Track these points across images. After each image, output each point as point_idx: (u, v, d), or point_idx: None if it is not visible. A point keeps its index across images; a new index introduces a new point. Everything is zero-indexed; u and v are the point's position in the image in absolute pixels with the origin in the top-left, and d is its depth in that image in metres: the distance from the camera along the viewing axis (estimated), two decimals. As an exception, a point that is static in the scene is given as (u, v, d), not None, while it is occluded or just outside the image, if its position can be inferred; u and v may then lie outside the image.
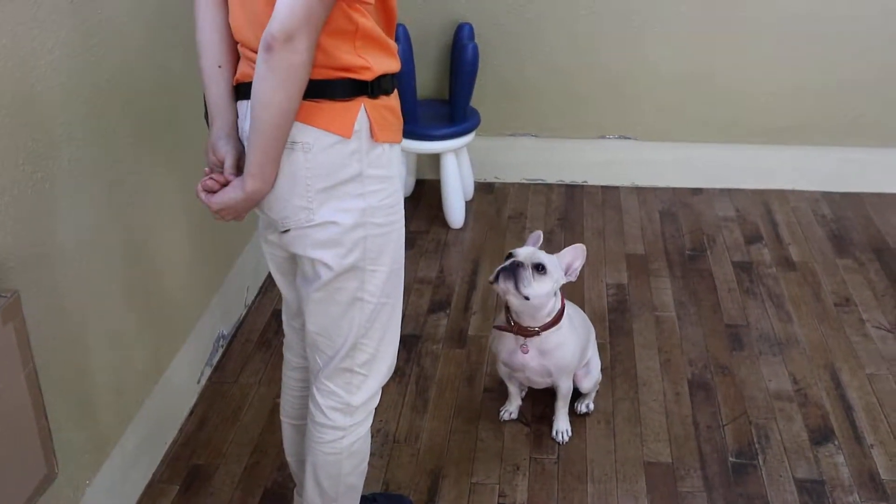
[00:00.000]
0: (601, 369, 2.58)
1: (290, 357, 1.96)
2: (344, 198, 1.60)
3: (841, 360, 2.80)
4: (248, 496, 2.30)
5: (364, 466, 1.91)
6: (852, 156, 3.79)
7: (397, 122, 1.66)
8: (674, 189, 3.85)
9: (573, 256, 2.31)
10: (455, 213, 3.54)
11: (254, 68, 1.49)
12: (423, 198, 3.78)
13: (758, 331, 2.93)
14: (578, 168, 3.89)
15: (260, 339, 2.89)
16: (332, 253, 1.63)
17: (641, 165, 3.86)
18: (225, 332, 2.84)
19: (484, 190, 3.85)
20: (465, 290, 3.15)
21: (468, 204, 3.71)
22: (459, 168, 3.56)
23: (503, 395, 2.59)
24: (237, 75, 1.65)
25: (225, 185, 1.62)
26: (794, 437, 2.49)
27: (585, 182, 3.90)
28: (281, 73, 1.45)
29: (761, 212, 3.68)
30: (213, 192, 1.64)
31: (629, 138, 3.83)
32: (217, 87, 1.66)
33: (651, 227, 3.57)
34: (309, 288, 1.69)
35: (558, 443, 2.45)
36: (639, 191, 3.85)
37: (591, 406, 2.58)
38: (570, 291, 3.14)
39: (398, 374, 2.73)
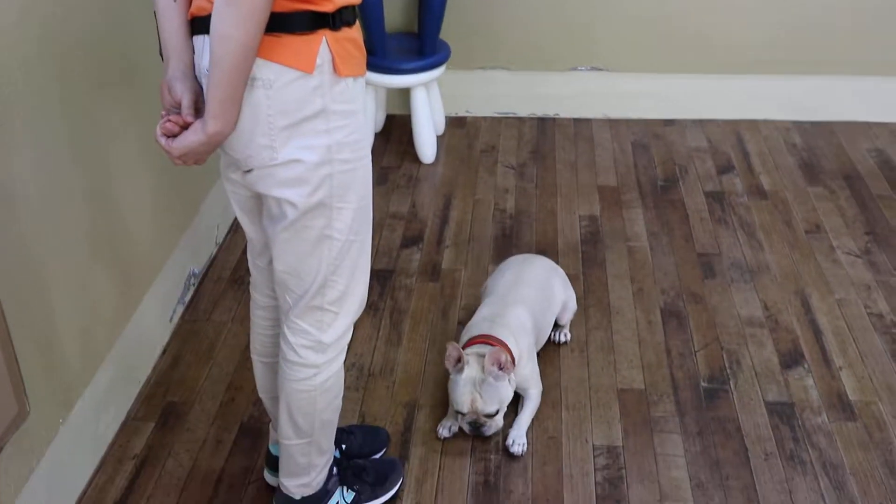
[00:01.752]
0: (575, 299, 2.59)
1: (258, 296, 1.94)
2: (308, 135, 1.56)
3: (811, 285, 2.83)
4: (224, 432, 2.31)
5: (338, 402, 1.90)
6: (823, 85, 3.78)
7: (360, 55, 1.61)
8: (646, 120, 3.84)
9: (494, 359, 2.18)
10: (426, 147, 3.51)
11: (211, 1, 1.44)
12: (394, 133, 3.74)
13: (729, 259, 2.95)
14: (550, 101, 3.86)
15: (231, 277, 2.87)
16: (297, 191, 1.60)
17: (613, 97, 3.83)
18: (196, 271, 2.82)
19: (455, 124, 3.82)
20: (438, 225, 3.14)
21: (439, 139, 3.68)
22: (430, 102, 3.52)
23: (477, 327, 2.60)
24: (192, 9, 1.58)
25: (185, 127, 1.56)
26: (764, 361, 2.53)
27: (557, 115, 3.88)
28: (241, 8, 1.40)
29: (733, 142, 3.68)
30: (172, 135, 1.57)
31: (601, 69, 3.80)
32: (171, 24, 1.59)
33: (623, 158, 3.56)
34: (275, 227, 1.66)
35: (512, 453, 2.23)
36: (611, 123, 3.83)
37: (569, 335, 2.59)
38: (544, 224, 3.14)
39: (372, 308, 2.72)
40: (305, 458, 1.92)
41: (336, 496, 2.03)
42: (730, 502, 2.11)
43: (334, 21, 1.53)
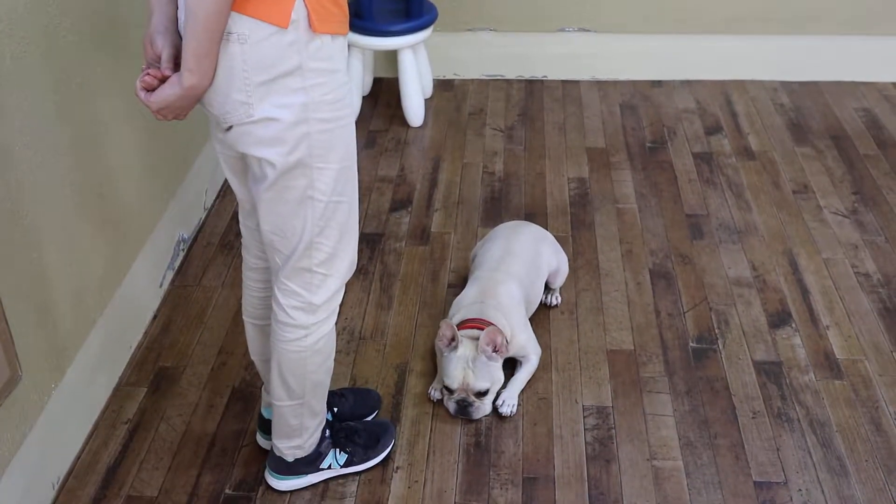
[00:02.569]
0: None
1: (249, 258, 1.94)
2: (284, 92, 1.55)
3: (798, 245, 2.84)
4: (215, 396, 2.32)
5: (330, 364, 1.92)
6: (810, 44, 3.78)
7: (340, 13, 1.59)
8: (634, 82, 3.82)
9: (490, 339, 2.19)
10: (414, 110, 3.49)
11: None
12: (382, 96, 3.72)
13: (717, 220, 2.96)
14: (538, 62, 3.84)
15: (221, 242, 2.87)
16: (275, 151, 1.59)
17: (601, 58, 3.82)
18: (185, 236, 2.81)
19: (443, 87, 3.80)
20: (427, 188, 3.14)
21: (427, 101, 3.67)
22: (417, 65, 3.50)
23: (467, 290, 2.61)
24: None
25: (163, 81, 1.56)
26: (752, 321, 2.55)
27: (545, 77, 3.86)
28: None
29: (721, 102, 3.67)
30: (151, 89, 1.57)
31: (588, 31, 3.78)
32: None
33: (612, 120, 3.56)
34: (258, 187, 1.67)
35: (501, 413, 2.25)
36: (599, 84, 3.82)
37: (560, 298, 2.60)
38: (533, 186, 3.14)
39: (362, 272, 2.73)
40: (297, 420, 1.93)
41: (329, 458, 2.05)
42: (718, 461, 2.14)
43: None
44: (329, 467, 2.06)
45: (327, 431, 2.04)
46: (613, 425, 2.23)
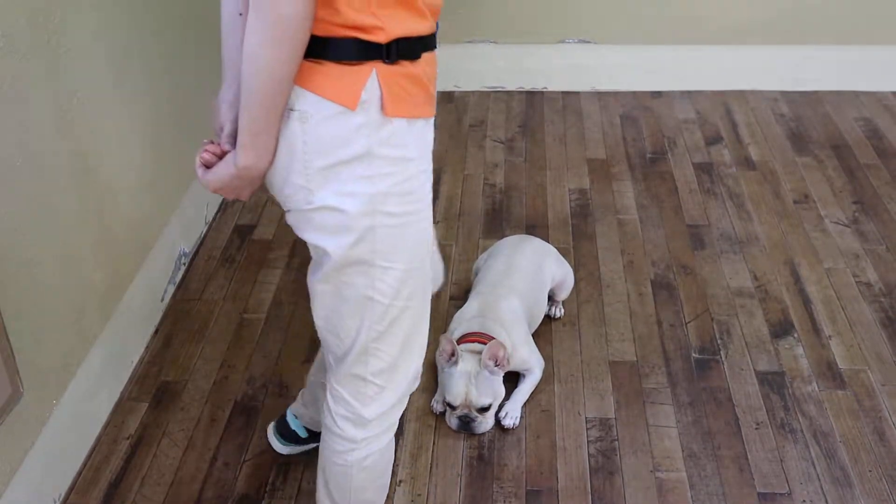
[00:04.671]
0: (565, 273, 2.60)
1: None
2: (348, 180, 1.35)
3: (800, 255, 2.84)
4: (218, 410, 2.31)
5: (383, 482, 1.71)
6: (810, 54, 3.78)
7: (421, 93, 1.38)
8: (634, 93, 3.83)
9: (492, 353, 2.18)
10: (415, 123, 3.48)
11: None
12: (382, 109, 3.72)
13: (718, 230, 2.96)
14: (539, 74, 3.85)
15: (222, 256, 2.87)
16: (334, 242, 1.40)
17: (601, 70, 3.83)
18: (186, 250, 2.81)
19: (444, 99, 3.80)
20: (428, 200, 3.14)
21: (428, 114, 3.66)
22: (418, 77, 3.50)
23: (469, 302, 2.60)
24: None
25: (222, 157, 1.40)
26: (754, 331, 2.54)
27: (546, 88, 3.87)
28: (269, 27, 1.22)
29: (721, 113, 3.68)
30: (210, 166, 1.41)
31: (589, 42, 3.79)
32: (234, 39, 1.41)
33: (612, 131, 3.56)
34: (314, 276, 1.49)
35: (504, 426, 2.24)
36: (599, 95, 3.82)
37: (563, 310, 2.60)
38: (534, 198, 3.14)
39: (363, 285, 2.72)
40: None
41: None
42: (722, 472, 2.13)
43: (389, 52, 1.31)
44: None
45: None
46: (616, 437, 2.23)
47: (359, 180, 1.35)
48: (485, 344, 2.22)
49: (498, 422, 2.26)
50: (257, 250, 2.89)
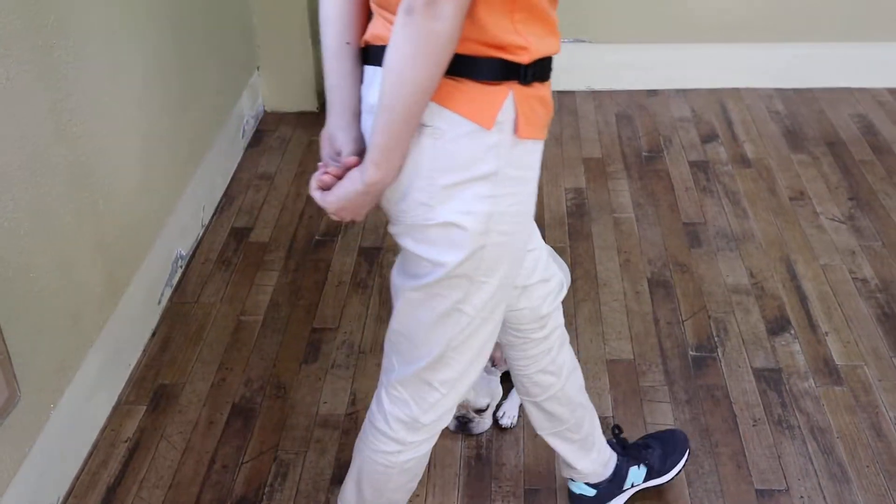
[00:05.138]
0: (562, 272, 2.60)
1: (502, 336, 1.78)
2: (470, 198, 1.35)
3: (796, 252, 2.85)
4: (215, 412, 2.31)
5: (413, 485, 1.71)
6: (804, 51, 3.79)
7: (546, 115, 1.40)
8: (629, 91, 3.84)
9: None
10: (410, 124, 3.49)
11: (389, 30, 1.26)
12: (378, 110, 3.72)
13: (715, 227, 2.97)
14: (533, 74, 3.84)
15: (219, 258, 2.87)
16: (446, 257, 1.39)
17: (597, 69, 3.83)
18: (183, 253, 2.81)
19: (439, 100, 3.80)
20: (424, 201, 3.14)
21: (423, 114, 3.67)
22: (413, 78, 3.50)
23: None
24: (366, 36, 1.39)
25: (340, 176, 1.39)
26: (751, 328, 2.55)
27: (541, 88, 3.87)
28: (420, 43, 1.21)
29: (716, 111, 3.68)
30: (327, 188, 1.40)
31: (583, 41, 3.80)
32: (341, 66, 1.41)
33: (608, 130, 3.56)
34: (406, 282, 1.46)
35: (501, 425, 2.24)
36: (594, 95, 3.83)
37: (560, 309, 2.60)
38: (529, 197, 3.14)
39: (361, 286, 2.73)
40: None
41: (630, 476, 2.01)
42: (720, 469, 2.14)
43: (526, 74, 1.32)
44: (632, 486, 2.01)
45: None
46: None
47: (481, 199, 1.36)
48: None
49: (496, 421, 2.26)
50: (254, 252, 2.89)
